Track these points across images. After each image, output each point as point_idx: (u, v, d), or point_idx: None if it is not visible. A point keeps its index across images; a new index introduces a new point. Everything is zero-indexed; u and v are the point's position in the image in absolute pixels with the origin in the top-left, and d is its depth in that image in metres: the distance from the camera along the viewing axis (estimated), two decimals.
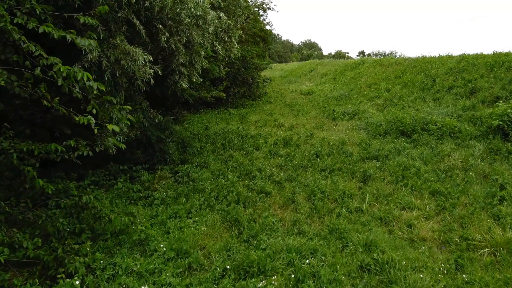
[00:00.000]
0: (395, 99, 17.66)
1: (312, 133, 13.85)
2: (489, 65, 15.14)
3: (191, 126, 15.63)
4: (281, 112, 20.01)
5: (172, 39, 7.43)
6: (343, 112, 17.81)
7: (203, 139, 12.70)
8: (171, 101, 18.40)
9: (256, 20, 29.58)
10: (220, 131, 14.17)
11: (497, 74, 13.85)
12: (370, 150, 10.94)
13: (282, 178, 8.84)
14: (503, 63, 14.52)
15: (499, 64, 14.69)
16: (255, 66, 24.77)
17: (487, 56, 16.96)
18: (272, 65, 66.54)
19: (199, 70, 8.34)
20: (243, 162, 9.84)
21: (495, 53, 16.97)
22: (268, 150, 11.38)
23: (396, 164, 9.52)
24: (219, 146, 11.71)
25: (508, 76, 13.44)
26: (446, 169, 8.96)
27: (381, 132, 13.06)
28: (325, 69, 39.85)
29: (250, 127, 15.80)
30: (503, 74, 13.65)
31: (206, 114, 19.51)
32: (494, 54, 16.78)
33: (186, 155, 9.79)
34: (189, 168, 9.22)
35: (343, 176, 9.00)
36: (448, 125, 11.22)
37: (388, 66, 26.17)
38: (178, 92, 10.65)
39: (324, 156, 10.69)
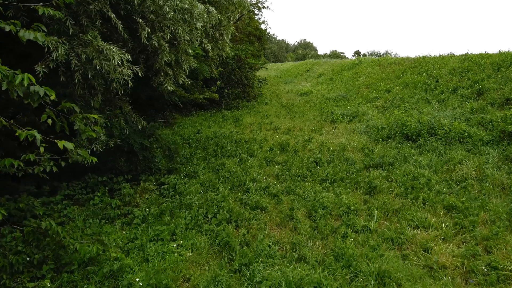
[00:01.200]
0: (396, 100, 16.87)
1: (310, 137, 13.02)
2: (496, 65, 14.36)
3: (182, 130, 14.75)
4: (277, 114, 19.18)
5: (154, 36, 6.56)
6: (342, 114, 17.01)
7: (194, 145, 11.83)
8: (161, 103, 17.52)
9: (251, 19, 28.71)
10: (212, 135, 13.31)
11: (505, 74, 13.08)
12: (373, 156, 10.12)
13: (279, 190, 7.99)
14: (511, 62, 13.75)
15: (507, 64, 13.92)
16: (249, 66, 23.94)
17: (492, 55, 16.21)
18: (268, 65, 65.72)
19: (186, 71, 7.46)
20: (236, 171, 8.98)
21: (501, 52, 16.22)
22: (263, 157, 10.53)
23: (404, 173, 8.71)
24: (211, 152, 10.85)
25: None
26: (458, 179, 8.15)
27: (383, 136, 12.25)
28: (322, 69, 39.08)
29: (245, 130, 14.95)
30: (511, 74, 12.88)
31: (199, 116, 18.64)
32: (499, 54, 16.02)
33: (174, 163, 8.91)
34: (176, 178, 8.35)
35: (346, 188, 8.16)
36: (456, 129, 10.43)
37: (387, 66, 25.40)
38: (165, 95, 9.79)
39: (324, 163, 9.86)
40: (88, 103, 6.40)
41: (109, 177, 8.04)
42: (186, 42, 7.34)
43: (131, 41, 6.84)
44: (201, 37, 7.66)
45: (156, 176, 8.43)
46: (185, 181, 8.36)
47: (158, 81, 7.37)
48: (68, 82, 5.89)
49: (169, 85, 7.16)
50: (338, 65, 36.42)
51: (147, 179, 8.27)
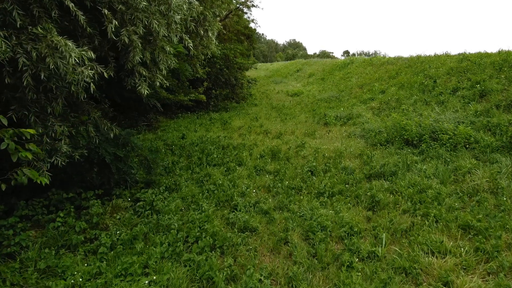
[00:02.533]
0: (392, 101, 16.07)
1: (303, 142, 12.12)
2: (497, 64, 13.64)
3: (165, 134, 13.73)
4: (268, 116, 18.26)
5: (124, 30, 5.57)
6: (336, 116, 16.16)
7: (177, 152, 10.83)
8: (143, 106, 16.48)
9: (239, 17, 27.76)
10: (198, 140, 12.33)
11: (509, 74, 12.35)
12: (373, 164, 9.26)
13: (270, 206, 7.05)
14: None
15: (509, 63, 13.21)
16: (238, 65, 22.99)
17: (492, 55, 15.51)
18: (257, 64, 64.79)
19: (164, 71, 6.47)
20: (222, 183, 8.02)
21: (501, 51, 15.53)
22: (253, 165, 9.60)
23: (408, 184, 7.85)
24: (195, 160, 9.87)
25: None
26: (470, 191, 7.31)
27: (381, 141, 11.41)
28: (312, 69, 38.29)
29: (233, 134, 13.99)
30: None
31: (185, 119, 17.63)
32: (500, 53, 15.33)
33: (153, 175, 7.90)
34: (154, 193, 7.36)
35: (346, 202, 7.26)
36: (462, 134, 9.63)
37: (380, 65, 24.67)
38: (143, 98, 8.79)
39: (320, 173, 8.97)
40: (44, 109, 5.39)
41: (77, 192, 7.02)
42: (164, 38, 6.37)
43: (98, 37, 5.85)
44: (181, 32, 6.69)
45: (132, 190, 7.42)
46: (165, 196, 7.37)
47: (132, 83, 6.39)
48: (14, 84, 4.87)
49: (143, 88, 6.17)
50: (329, 65, 35.67)
51: (121, 194, 7.26)
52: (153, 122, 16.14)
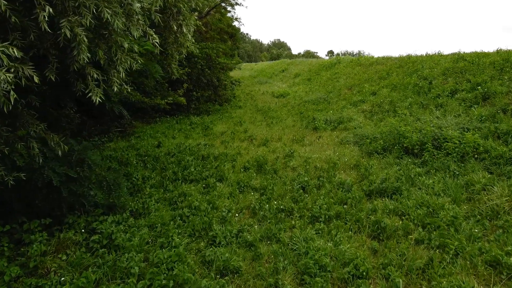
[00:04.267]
0: (385, 104, 15.06)
1: (292, 150, 10.97)
2: (498, 65, 12.74)
3: (140, 142, 12.39)
4: (252, 120, 17.06)
5: (65, 21, 4.29)
6: (325, 120, 15.07)
7: (150, 164, 9.53)
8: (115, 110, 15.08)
9: (222, 15, 26.46)
10: (175, 149, 11.04)
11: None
12: (372, 178, 8.16)
13: (256, 236, 5.84)
14: None
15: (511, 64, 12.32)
16: (221, 66, 21.71)
17: (491, 54, 14.65)
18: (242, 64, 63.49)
19: (122, 74, 5.19)
20: (199, 206, 6.77)
21: (500, 51, 14.68)
22: (236, 181, 8.38)
23: (416, 203, 6.76)
24: (170, 175, 8.59)
25: None
26: (489, 213, 6.25)
27: (378, 149, 10.34)
28: (298, 69, 37.28)
29: (215, 141, 12.75)
30: None
31: (163, 123, 16.29)
32: (499, 53, 14.47)
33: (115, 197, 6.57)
34: (116, 221, 6.08)
35: (346, 229, 6.11)
36: (469, 142, 8.60)
37: (369, 66, 23.76)
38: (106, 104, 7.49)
39: (313, 189, 7.81)
40: None
41: (19, 222, 5.71)
42: (122, 32, 5.10)
43: (35, 30, 4.55)
44: (144, 25, 5.43)
45: (88, 218, 6.11)
46: (129, 224, 6.09)
47: (82, 88, 5.10)
48: None
49: (95, 94, 4.88)
50: (315, 65, 34.70)
51: (74, 222, 5.94)
52: (127, 127, 14.76)
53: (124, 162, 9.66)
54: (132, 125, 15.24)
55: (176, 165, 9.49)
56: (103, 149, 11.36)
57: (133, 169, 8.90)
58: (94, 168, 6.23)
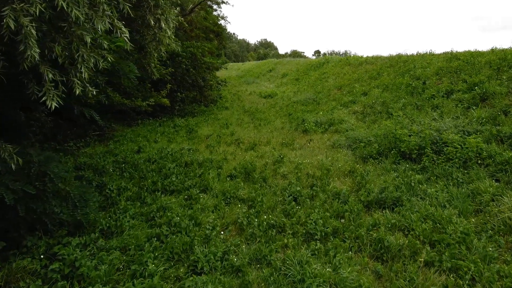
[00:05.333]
0: (377, 105, 14.49)
1: (282, 155, 10.27)
2: (495, 64, 12.25)
3: (119, 147, 11.54)
4: (239, 122, 16.33)
5: (8, 9, 3.51)
6: (315, 122, 14.43)
7: (128, 173, 8.71)
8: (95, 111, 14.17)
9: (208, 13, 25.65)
10: (156, 155, 10.24)
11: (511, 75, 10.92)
12: (369, 187, 7.51)
13: (244, 259, 5.11)
14: None
15: (509, 63, 11.83)
16: (207, 65, 20.87)
17: (485, 53, 14.17)
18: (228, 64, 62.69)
19: (85, 74, 4.41)
20: (180, 223, 6.00)
21: (495, 49, 14.22)
22: (221, 191, 7.64)
23: (420, 217, 6.12)
24: (149, 185, 7.80)
25: None
26: (501, 227, 5.64)
27: (373, 153, 9.72)
28: (285, 68, 36.66)
29: (199, 146, 11.97)
30: None
31: (145, 126, 15.43)
32: (494, 51, 13.98)
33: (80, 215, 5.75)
34: (82, 243, 5.28)
35: (345, 249, 5.43)
36: (472, 147, 8.02)
37: (358, 65, 23.23)
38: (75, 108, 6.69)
39: (306, 200, 7.12)
40: None
41: None
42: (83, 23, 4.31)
43: None
44: (113, 17, 4.65)
45: (50, 240, 5.29)
46: (98, 246, 5.30)
47: (36, 91, 4.30)
48: None
49: (50, 99, 4.09)
50: (303, 65, 34.13)
51: (33, 246, 5.13)
52: (106, 131, 13.86)
53: (99, 170, 8.82)
54: (112, 128, 14.35)
55: (157, 173, 8.71)
56: (78, 155, 10.50)
57: (109, 179, 8.08)
58: (57, 183, 5.41)
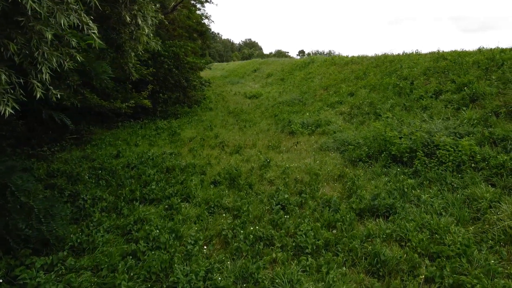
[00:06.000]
0: (365, 106, 14.21)
1: (268, 158, 9.86)
2: (483, 64, 12.07)
3: (96, 151, 10.94)
4: (224, 124, 15.86)
5: None
6: (302, 123, 14.05)
7: (104, 180, 8.15)
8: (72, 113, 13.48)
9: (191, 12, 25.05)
10: (136, 160, 9.70)
11: (501, 75, 10.73)
12: (361, 193, 7.15)
13: (230, 278, 4.64)
14: (503, 61, 11.47)
15: (497, 63, 11.66)
16: (190, 65, 20.32)
17: (472, 53, 14.02)
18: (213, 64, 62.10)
19: (46, 76, 3.87)
20: (159, 237, 5.50)
21: (482, 49, 14.08)
22: (205, 199, 7.16)
23: (416, 226, 5.77)
24: (126, 194, 7.26)
25: None
26: (502, 236, 5.32)
27: (362, 157, 9.39)
28: (270, 68, 36.33)
29: (182, 149, 11.46)
30: (510, 74, 10.54)
31: (126, 129, 14.82)
32: (481, 51, 13.83)
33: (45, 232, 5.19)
34: (49, 263, 4.74)
35: (339, 263, 5.02)
36: (465, 150, 7.74)
37: (344, 65, 23.01)
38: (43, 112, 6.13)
39: (295, 209, 6.70)
40: None
41: None
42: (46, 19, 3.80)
43: None
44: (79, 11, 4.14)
45: (12, 261, 4.74)
46: (67, 266, 4.77)
47: None
48: None
49: (4, 104, 3.56)
50: (288, 64, 33.83)
51: None
52: (84, 134, 13.21)
53: (74, 177, 8.24)
54: (90, 131, 13.69)
55: (136, 180, 8.18)
56: (52, 160, 9.87)
57: (83, 187, 7.52)
58: (19, 196, 4.86)
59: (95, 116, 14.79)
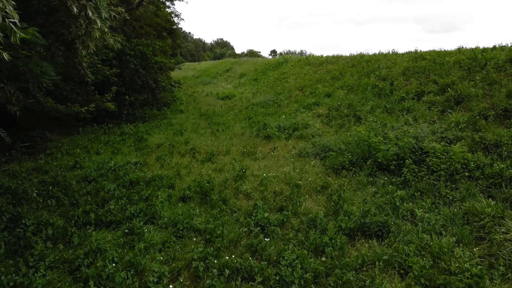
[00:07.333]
0: (343, 107, 13.58)
1: (243, 167, 9.00)
2: (465, 64, 11.62)
3: (51, 162, 9.77)
4: (195, 128, 14.89)
5: None
6: (278, 127, 13.29)
7: (55, 199, 7.04)
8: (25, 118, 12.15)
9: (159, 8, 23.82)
10: (95, 172, 8.61)
11: (486, 76, 10.27)
12: (348, 209, 6.40)
13: None
14: (486, 61, 11.05)
15: (479, 63, 11.22)
16: (159, 65, 19.17)
17: (452, 53, 13.61)
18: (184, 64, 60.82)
19: None
20: (114, 275, 4.50)
21: (462, 49, 13.68)
22: (172, 219, 6.19)
23: (416, 249, 5.05)
24: (79, 216, 6.20)
25: (502, 77, 9.91)
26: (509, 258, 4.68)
27: (345, 164, 8.69)
28: (243, 68, 35.47)
29: (149, 158, 10.43)
30: (495, 75, 10.10)
31: (87, 134, 13.61)
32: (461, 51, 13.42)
33: None
34: None
35: None
36: (457, 157, 7.13)
37: (319, 65, 22.44)
38: None
39: (276, 230, 5.83)
40: None
41: None
42: None
43: None
44: None
45: None
46: None
47: None
48: None
49: None
50: (261, 64, 33.07)
51: None
52: (38, 141, 11.91)
53: (19, 195, 7.10)
54: (46, 138, 12.38)
55: (93, 197, 7.12)
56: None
57: (27, 209, 6.40)
58: None
59: (52, 121, 13.49)
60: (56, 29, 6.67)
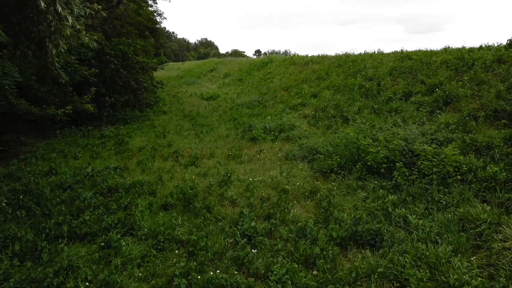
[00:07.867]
0: (330, 108, 13.33)
1: (229, 171, 8.63)
2: (452, 64, 11.49)
3: (24, 168, 9.22)
4: (179, 129, 14.45)
5: None
6: (264, 128, 12.95)
7: (25, 209, 6.54)
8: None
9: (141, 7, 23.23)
10: (71, 179, 8.13)
11: (474, 76, 10.14)
12: (339, 216, 6.10)
13: None
14: (473, 61, 10.93)
15: (467, 63, 11.11)
16: (141, 65, 18.62)
17: (438, 52, 13.51)
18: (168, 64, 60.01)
19: None
20: None
21: (448, 49, 13.59)
22: (153, 230, 5.79)
23: (412, 259, 4.77)
24: (51, 228, 5.74)
25: (490, 78, 9.79)
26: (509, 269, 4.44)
27: (333, 167, 8.41)
28: (227, 68, 35.07)
29: (130, 162, 9.97)
30: (483, 75, 9.98)
31: (65, 137, 13.04)
32: (447, 50, 13.33)
33: None
34: None
35: None
36: (449, 160, 6.91)
37: (304, 65, 22.22)
38: None
39: (263, 240, 5.49)
40: None
41: None
42: None
43: None
44: None
45: None
46: None
47: None
48: None
49: None
50: (245, 64, 32.71)
51: None
52: (11, 145, 11.30)
53: None
54: (20, 142, 11.76)
55: (67, 207, 6.65)
56: None
57: None
58: None
59: (27, 124, 12.85)
60: (26, 27, 6.20)
